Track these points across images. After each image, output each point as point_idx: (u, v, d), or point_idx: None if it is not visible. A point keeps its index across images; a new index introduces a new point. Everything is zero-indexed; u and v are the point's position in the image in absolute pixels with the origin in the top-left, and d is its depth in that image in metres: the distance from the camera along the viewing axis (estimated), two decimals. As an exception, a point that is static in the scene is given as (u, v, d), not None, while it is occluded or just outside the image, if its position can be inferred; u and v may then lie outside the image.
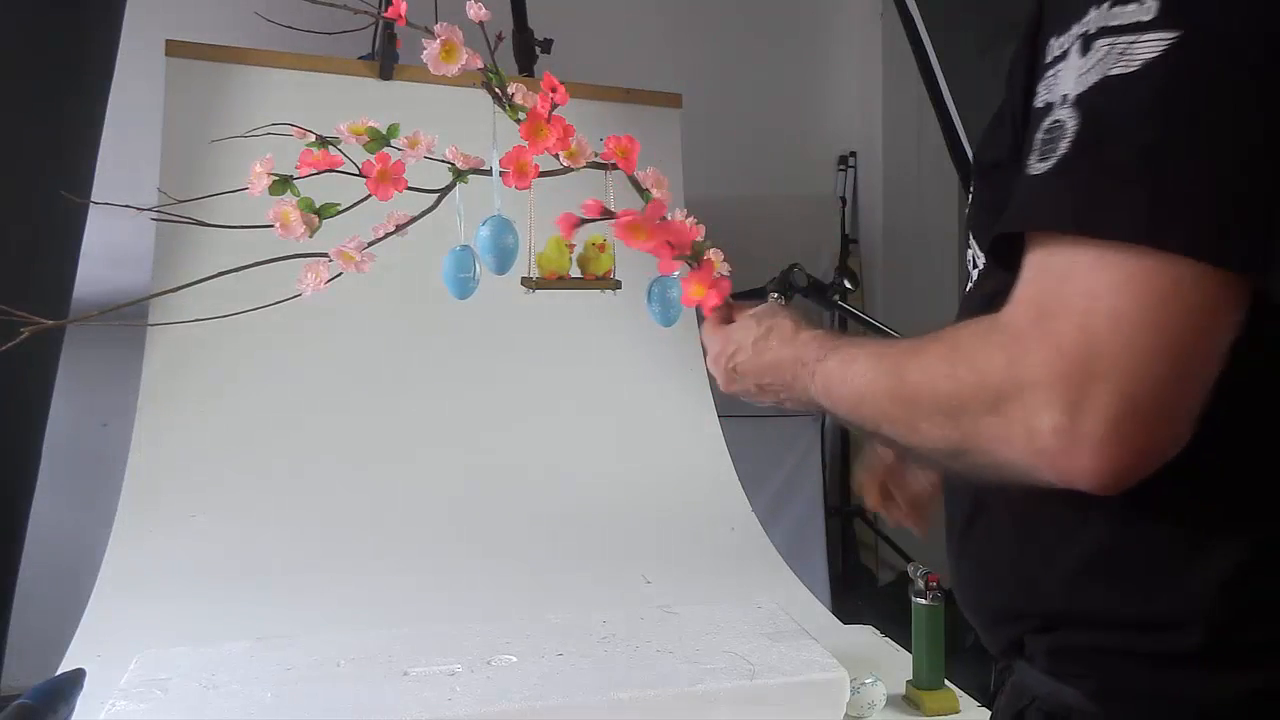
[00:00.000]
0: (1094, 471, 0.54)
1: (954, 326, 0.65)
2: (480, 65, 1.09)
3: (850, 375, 0.73)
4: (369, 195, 1.07)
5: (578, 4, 3.12)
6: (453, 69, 1.05)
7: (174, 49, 2.21)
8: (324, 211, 1.03)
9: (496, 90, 1.13)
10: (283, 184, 1.03)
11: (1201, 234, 0.51)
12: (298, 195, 1.03)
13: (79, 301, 2.04)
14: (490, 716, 1.16)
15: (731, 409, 2.49)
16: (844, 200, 3.69)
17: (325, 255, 1.03)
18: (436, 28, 1.04)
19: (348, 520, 1.98)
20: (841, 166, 3.75)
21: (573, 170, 1.19)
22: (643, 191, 1.26)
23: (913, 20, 2.52)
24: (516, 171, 1.13)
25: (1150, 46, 0.53)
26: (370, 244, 1.05)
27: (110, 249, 2.24)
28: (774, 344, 0.88)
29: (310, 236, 1.02)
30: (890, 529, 3.51)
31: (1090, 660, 0.66)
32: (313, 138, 1.06)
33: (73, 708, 1.19)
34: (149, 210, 1.10)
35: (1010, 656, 0.73)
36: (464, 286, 1.19)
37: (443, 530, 2.00)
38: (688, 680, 1.22)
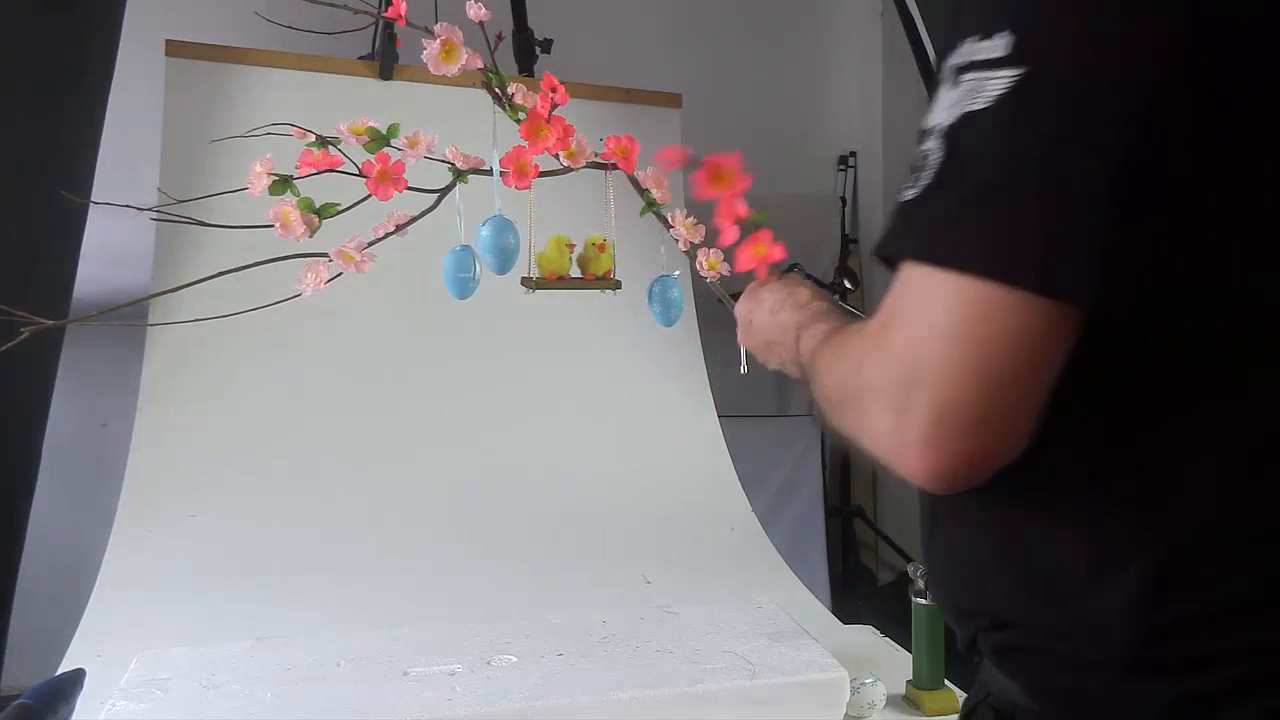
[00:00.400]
0: (922, 470, 0.59)
1: (848, 328, 0.73)
2: (480, 65, 1.09)
3: (805, 350, 0.82)
4: (369, 195, 1.07)
5: (578, 4, 3.12)
6: (453, 69, 1.05)
7: (174, 49, 2.21)
8: (324, 211, 1.04)
9: (496, 90, 1.13)
10: (283, 184, 1.03)
11: (1020, 264, 0.55)
12: (298, 195, 1.03)
13: (79, 301, 2.04)
14: (490, 716, 1.15)
15: (731, 409, 2.49)
16: (844, 200, 3.69)
17: (325, 255, 1.03)
18: (436, 28, 1.04)
19: (348, 520, 1.98)
20: (841, 166, 3.75)
21: (573, 170, 1.19)
22: (643, 191, 1.27)
23: (913, 20, 2.52)
24: (516, 171, 1.13)
25: (1000, 83, 0.56)
26: (370, 244, 1.05)
27: (110, 249, 2.24)
28: (787, 308, 0.93)
29: (310, 236, 1.02)
30: (890, 529, 3.51)
31: (1026, 660, 0.68)
32: (313, 138, 1.06)
33: (73, 708, 1.19)
34: (149, 210, 1.10)
35: (972, 653, 0.75)
36: (464, 286, 1.19)
37: (443, 530, 2.00)
38: (688, 680, 1.22)
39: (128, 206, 1.05)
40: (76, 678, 1.21)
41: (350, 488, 2.04)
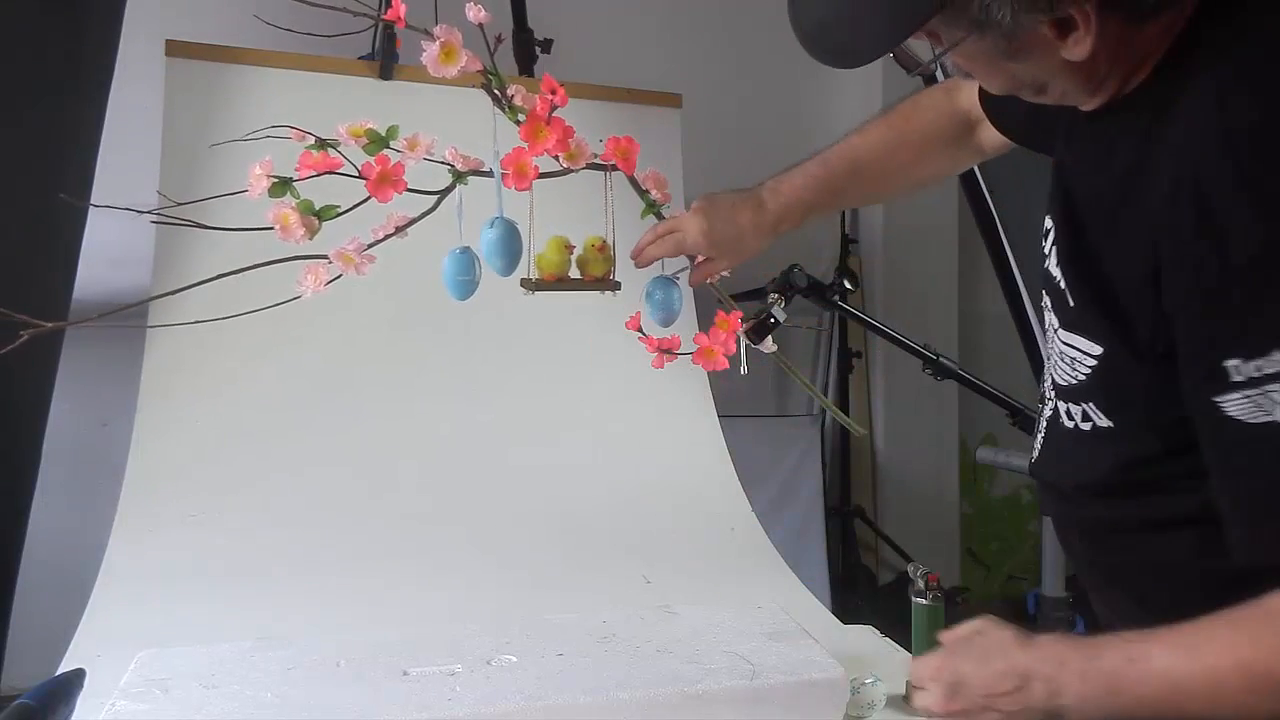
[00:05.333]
0: None
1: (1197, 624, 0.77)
2: (480, 68, 1.09)
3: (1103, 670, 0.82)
4: (369, 197, 1.07)
5: (578, 4, 3.12)
6: (452, 71, 1.05)
7: (174, 49, 2.21)
8: (324, 214, 1.04)
9: (496, 92, 1.13)
10: (282, 186, 1.03)
11: None
12: (297, 197, 1.03)
13: (79, 302, 2.04)
14: (490, 716, 1.16)
15: (731, 409, 2.49)
16: (844, 200, 3.68)
17: (325, 257, 1.03)
18: (436, 29, 1.04)
19: (348, 520, 1.98)
20: (841, 166, 3.74)
21: (573, 171, 1.19)
22: (643, 193, 1.27)
23: (913, 20, 2.52)
24: (516, 173, 1.13)
25: None
26: (370, 245, 1.05)
27: (111, 248, 2.24)
28: (1003, 652, 0.90)
29: (310, 239, 1.02)
30: (890, 529, 3.51)
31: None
32: (312, 140, 1.06)
33: (73, 708, 1.19)
34: (149, 213, 1.10)
35: None
36: (464, 288, 1.19)
37: (443, 530, 2.00)
38: (688, 680, 1.22)
39: (127, 209, 1.05)
40: (76, 678, 1.21)
41: (350, 488, 2.04)
